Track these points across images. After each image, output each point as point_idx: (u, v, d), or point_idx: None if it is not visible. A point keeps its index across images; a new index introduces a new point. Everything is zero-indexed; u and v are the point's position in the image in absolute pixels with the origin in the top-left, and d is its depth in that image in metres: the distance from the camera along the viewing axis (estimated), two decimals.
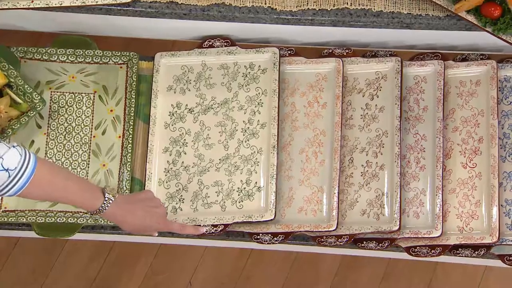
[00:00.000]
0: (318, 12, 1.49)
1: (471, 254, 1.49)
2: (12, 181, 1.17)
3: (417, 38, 1.66)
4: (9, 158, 1.16)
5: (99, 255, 2.33)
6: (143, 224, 1.40)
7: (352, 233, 1.52)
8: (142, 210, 1.39)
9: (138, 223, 1.39)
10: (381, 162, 1.57)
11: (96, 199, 1.31)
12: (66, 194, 1.29)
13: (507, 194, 1.53)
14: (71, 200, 1.33)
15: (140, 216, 1.38)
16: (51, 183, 1.24)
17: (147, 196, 1.43)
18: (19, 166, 1.17)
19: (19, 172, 1.17)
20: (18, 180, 1.17)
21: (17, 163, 1.16)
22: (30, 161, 1.18)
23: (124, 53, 1.65)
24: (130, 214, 1.37)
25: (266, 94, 1.62)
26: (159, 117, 1.63)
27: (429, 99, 1.60)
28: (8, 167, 1.16)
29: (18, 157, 1.17)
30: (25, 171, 1.17)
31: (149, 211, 1.40)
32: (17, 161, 1.16)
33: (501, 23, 1.41)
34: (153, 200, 1.43)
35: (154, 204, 1.42)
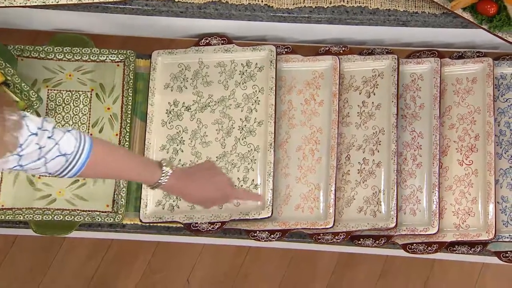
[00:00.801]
0: (315, 10, 1.50)
1: (468, 251, 1.49)
2: (70, 164, 1.21)
3: (414, 36, 1.66)
4: (64, 143, 1.18)
5: (97, 253, 2.34)
6: (205, 194, 1.38)
7: (349, 230, 1.52)
8: (203, 180, 1.38)
9: (199, 193, 1.38)
10: (378, 159, 1.57)
11: (154, 173, 1.32)
12: (123, 172, 1.33)
13: (503, 191, 1.53)
14: (129, 177, 1.39)
15: (201, 186, 1.37)
16: (107, 164, 1.28)
17: (206, 166, 1.42)
18: (75, 150, 1.20)
19: (75, 156, 1.20)
20: (75, 164, 1.21)
21: (73, 147, 1.20)
22: (85, 144, 1.21)
23: (121, 51, 1.66)
24: (190, 185, 1.36)
25: (263, 92, 1.62)
26: (156, 115, 1.63)
27: (425, 97, 1.60)
28: (65, 152, 1.19)
29: (74, 142, 1.20)
30: (81, 154, 1.21)
31: (210, 180, 1.38)
32: (73, 145, 1.20)
33: (497, 21, 1.41)
34: (213, 169, 1.41)
35: (214, 173, 1.40)
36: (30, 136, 1.14)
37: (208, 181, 1.38)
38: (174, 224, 1.59)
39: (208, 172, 1.39)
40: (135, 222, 1.59)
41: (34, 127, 1.15)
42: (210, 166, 1.41)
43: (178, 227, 1.59)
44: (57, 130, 1.19)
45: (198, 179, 1.37)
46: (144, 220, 1.56)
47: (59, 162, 1.19)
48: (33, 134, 1.14)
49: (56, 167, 1.20)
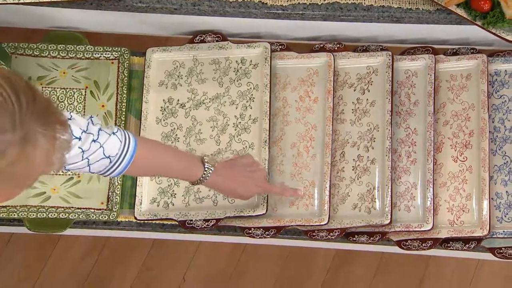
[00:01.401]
0: (309, 7, 1.50)
1: (462, 247, 1.49)
2: (113, 166, 1.21)
3: (408, 32, 1.66)
4: (109, 146, 1.19)
5: (93, 251, 2.33)
6: (243, 189, 1.42)
7: (343, 227, 1.52)
8: (242, 176, 1.42)
9: (239, 188, 1.42)
10: (372, 156, 1.57)
11: (197, 171, 1.34)
12: (166, 170, 1.36)
13: (497, 188, 1.53)
14: (172, 175, 1.44)
15: (240, 181, 1.41)
16: (151, 163, 1.30)
17: (246, 161, 1.45)
18: (120, 152, 1.21)
19: (119, 158, 1.21)
20: (119, 165, 1.22)
21: (117, 150, 1.20)
22: (129, 145, 1.22)
23: (116, 49, 1.65)
24: (230, 180, 1.40)
25: (257, 89, 1.62)
26: (151, 112, 1.63)
27: (420, 93, 1.60)
28: (110, 154, 1.20)
29: (118, 144, 1.20)
30: (125, 156, 1.22)
31: (249, 176, 1.43)
32: (118, 147, 1.20)
33: (490, 17, 1.41)
34: (252, 164, 1.45)
35: (254, 168, 1.44)
36: (73, 139, 1.13)
37: (248, 177, 1.42)
38: (169, 222, 1.59)
39: (248, 168, 1.43)
40: (130, 220, 1.58)
41: (78, 130, 1.15)
42: (250, 162, 1.45)
43: (173, 225, 1.59)
44: (103, 132, 1.19)
45: (238, 175, 1.41)
46: (139, 218, 1.56)
47: (103, 163, 1.20)
48: (77, 138, 1.14)
49: (100, 168, 1.21)
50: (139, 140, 1.25)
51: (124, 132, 1.23)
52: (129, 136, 1.23)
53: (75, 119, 1.15)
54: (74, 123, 1.15)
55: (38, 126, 0.84)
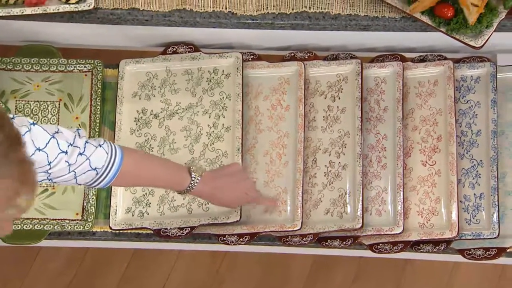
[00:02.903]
0: (278, 16, 1.53)
1: (432, 250, 1.52)
2: (100, 177, 1.23)
3: (377, 41, 1.70)
4: (96, 158, 1.21)
5: (72, 264, 2.34)
6: (231, 199, 1.45)
7: (316, 232, 1.55)
8: (229, 185, 1.44)
9: (226, 197, 1.45)
10: (344, 162, 1.60)
11: (183, 180, 1.36)
12: (153, 181, 1.39)
13: (465, 190, 1.57)
14: (159, 186, 1.46)
15: (228, 190, 1.44)
16: (138, 174, 1.32)
17: (233, 170, 1.47)
18: (106, 164, 1.23)
19: (105, 170, 1.23)
20: (105, 177, 1.24)
21: (104, 161, 1.22)
22: (116, 157, 1.24)
23: (89, 61, 1.67)
24: (217, 190, 1.42)
25: (230, 98, 1.65)
26: (125, 123, 1.65)
27: (389, 100, 1.63)
28: (96, 167, 1.22)
29: (105, 156, 1.22)
30: (112, 168, 1.23)
31: (236, 185, 1.45)
32: (104, 159, 1.22)
33: (454, 23, 1.45)
34: (239, 174, 1.47)
35: (240, 178, 1.47)
36: (60, 154, 1.15)
37: (235, 185, 1.45)
38: (144, 231, 1.60)
39: (235, 177, 1.46)
40: (105, 230, 1.60)
41: (65, 144, 1.16)
42: (237, 170, 1.48)
43: (148, 234, 1.60)
44: (89, 145, 1.21)
45: (225, 184, 1.43)
46: (114, 227, 1.57)
47: (89, 175, 1.22)
48: (63, 152, 1.16)
49: (87, 179, 1.23)
50: (126, 152, 1.27)
51: (111, 145, 1.25)
52: (116, 148, 1.25)
53: (62, 133, 1.17)
54: (60, 137, 1.16)
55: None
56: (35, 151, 1.12)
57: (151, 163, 1.35)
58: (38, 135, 1.13)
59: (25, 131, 1.11)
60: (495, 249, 1.51)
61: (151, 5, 1.51)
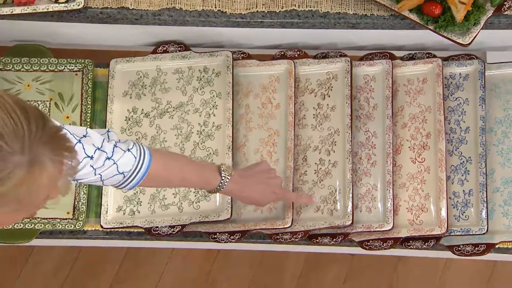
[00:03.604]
0: (267, 15, 1.53)
1: (422, 246, 1.53)
2: (127, 181, 1.24)
3: (366, 39, 1.71)
4: (123, 162, 1.21)
5: (65, 264, 2.34)
6: (260, 196, 1.45)
7: (306, 229, 1.55)
8: (259, 183, 1.44)
9: (256, 196, 1.45)
10: (334, 159, 1.60)
11: (213, 180, 1.36)
12: (183, 182, 1.39)
13: (454, 187, 1.57)
14: (189, 185, 1.47)
15: (257, 189, 1.44)
16: (167, 176, 1.32)
17: (262, 168, 1.47)
18: (133, 169, 1.23)
19: (133, 173, 1.23)
20: (132, 180, 1.24)
21: (131, 166, 1.22)
22: (144, 161, 1.24)
23: (79, 60, 1.68)
24: (247, 188, 1.42)
25: (220, 97, 1.65)
26: (115, 122, 1.65)
27: (378, 98, 1.64)
28: (123, 171, 1.22)
29: (133, 161, 1.22)
30: (139, 171, 1.24)
31: (266, 183, 1.45)
32: (131, 164, 1.22)
33: (441, 21, 1.46)
34: (268, 172, 1.47)
35: (270, 175, 1.47)
36: (85, 158, 1.15)
37: (264, 184, 1.45)
38: (135, 229, 1.60)
39: (265, 175, 1.46)
40: (96, 228, 1.60)
41: (92, 148, 1.16)
42: (266, 169, 1.48)
43: (139, 232, 1.61)
44: (118, 149, 1.20)
45: (255, 183, 1.44)
46: (105, 226, 1.58)
47: (116, 178, 1.22)
48: (88, 157, 1.16)
49: (113, 182, 1.23)
50: (155, 155, 1.27)
51: (140, 148, 1.25)
52: (145, 151, 1.25)
53: (90, 137, 1.17)
54: (87, 141, 1.16)
55: (46, 151, 0.87)
56: None
57: (181, 165, 1.35)
58: None
59: None
60: (484, 245, 1.52)
61: (140, 4, 1.52)
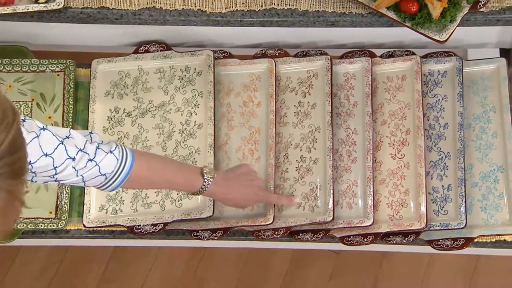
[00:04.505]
0: (247, 13, 1.55)
1: (402, 241, 1.54)
2: (109, 182, 1.24)
3: (346, 37, 1.72)
4: (106, 164, 1.21)
5: (51, 265, 2.34)
6: (243, 198, 1.47)
7: (288, 225, 1.56)
8: (241, 185, 1.46)
9: (238, 198, 1.47)
10: (315, 156, 1.62)
11: (196, 182, 1.38)
12: (165, 185, 1.41)
13: (434, 182, 1.59)
14: (172, 188, 1.48)
15: (240, 191, 1.46)
16: (149, 178, 1.33)
17: (244, 171, 1.49)
18: (115, 170, 1.23)
19: (115, 175, 1.24)
20: (114, 181, 1.24)
21: (113, 168, 1.23)
22: (126, 163, 1.24)
23: (61, 61, 1.69)
24: (230, 190, 1.44)
25: (202, 96, 1.66)
26: (98, 122, 1.66)
27: (358, 95, 1.66)
28: (105, 172, 1.22)
29: (115, 162, 1.23)
30: (121, 173, 1.24)
31: (248, 185, 1.47)
32: (114, 165, 1.23)
33: (418, 18, 1.48)
34: (250, 174, 1.49)
35: (252, 178, 1.49)
36: (67, 160, 1.15)
37: (246, 186, 1.47)
38: (118, 228, 1.61)
39: (247, 177, 1.48)
40: (79, 228, 1.61)
41: (74, 150, 1.16)
42: (248, 171, 1.50)
43: (122, 231, 1.62)
44: (100, 151, 1.20)
45: (237, 185, 1.46)
46: (88, 225, 1.59)
47: (98, 180, 1.22)
48: (70, 159, 1.16)
49: (95, 183, 1.24)
50: (138, 157, 1.27)
51: (123, 149, 1.25)
52: (127, 153, 1.25)
53: (72, 138, 1.17)
54: (70, 142, 1.16)
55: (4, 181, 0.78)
56: (41, 156, 1.12)
57: (164, 167, 1.36)
58: (46, 141, 1.12)
59: (33, 137, 1.10)
60: (463, 239, 1.54)
61: (120, 3, 1.53)
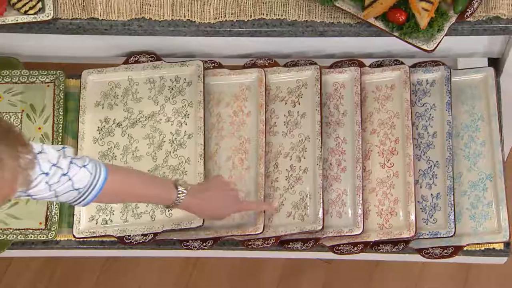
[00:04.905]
0: (236, 23, 1.55)
1: (391, 249, 1.55)
2: (82, 196, 1.24)
3: (335, 47, 1.73)
4: (78, 179, 1.21)
5: (42, 277, 2.33)
6: (219, 210, 1.47)
7: (278, 235, 1.57)
8: (216, 197, 1.46)
9: (214, 209, 1.46)
10: (305, 165, 1.62)
11: (170, 195, 1.38)
12: (139, 198, 1.41)
13: (423, 191, 1.60)
14: (145, 201, 1.48)
15: (215, 202, 1.45)
16: (123, 192, 1.33)
17: (218, 182, 1.49)
18: (88, 185, 1.23)
19: (88, 189, 1.23)
20: (87, 196, 1.24)
21: (86, 182, 1.22)
22: (100, 178, 1.24)
23: (51, 72, 1.69)
24: (205, 202, 1.43)
25: (192, 106, 1.67)
26: (88, 132, 1.66)
27: (348, 104, 1.67)
28: (78, 187, 1.22)
29: (88, 177, 1.22)
30: (94, 187, 1.24)
31: (223, 196, 1.47)
32: (87, 180, 1.22)
33: (406, 28, 1.49)
34: (225, 184, 1.49)
35: (226, 188, 1.49)
36: (40, 175, 1.15)
37: (221, 197, 1.47)
38: (108, 238, 1.61)
39: (221, 188, 1.48)
40: (69, 238, 1.61)
41: (47, 165, 1.16)
42: (222, 182, 1.50)
43: (113, 241, 1.61)
44: (73, 165, 1.20)
45: (212, 197, 1.45)
46: (78, 236, 1.58)
47: (71, 195, 1.22)
48: (44, 174, 1.16)
49: (68, 198, 1.23)
50: (112, 171, 1.27)
51: (96, 164, 1.25)
52: (101, 167, 1.25)
53: (46, 153, 1.17)
54: (43, 157, 1.16)
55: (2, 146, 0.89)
56: None
57: (138, 180, 1.36)
58: None
59: None
60: (452, 247, 1.55)
61: (110, 14, 1.53)
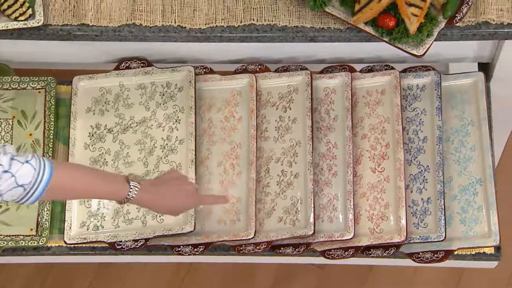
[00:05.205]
0: (226, 29, 1.56)
1: (382, 254, 1.55)
2: (28, 194, 1.20)
3: (326, 53, 1.73)
4: (22, 175, 1.18)
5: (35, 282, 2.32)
6: (174, 205, 1.42)
7: (269, 240, 1.57)
8: (171, 191, 1.41)
9: (169, 204, 1.41)
10: (296, 170, 1.63)
11: (122, 190, 1.33)
12: (89, 193, 1.36)
13: (413, 195, 1.60)
14: (96, 196, 1.44)
15: (170, 197, 1.40)
16: (71, 188, 1.28)
17: (173, 176, 1.44)
18: (33, 180, 1.19)
19: (33, 186, 1.19)
20: (33, 193, 1.20)
21: (31, 178, 1.19)
22: (44, 172, 1.20)
23: (42, 78, 1.69)
24: (158, 197, 1.39)
25: (183, 111, 1.67)
26: (79, 138, 1.66)
27: (338, 109, 1.67)
28: (23, 183, 1.18)
29: (32, 172, 1.19)
30: (40, 183, 1.20)
31: (178, 190, 1.42)
32: (31, 175, 1.19)
33: (396, 33, 1.49)
34: (179, 179, 1.44)
35: (181, 182, 1.44)
36: None
37: (176, 192, 1.42)
38: (99, 244, 1.61)
39: (176, 182, 1.43)
40: (60, 245, 1.60)
41: None
42: (177, 176, 1.46)
43: (104, 247, 1.61)
44: (15, 162, 1.18)
45: (166, 191, 1.40)
46: (69, 242, 1.58)
47: (16, 192, 1.19)
48: None
49: (13, 197, 1.20)
50: (58, 166, 1.24)
51: (40, 159, 1.21)
52: (45, 163, 1.22)
53: None
54: None
55: None
56: None
57: (86, 175, 1.32)
58: None
59: None
60: (443, 251, 1.55)
61: (100, 20, 1.53)
